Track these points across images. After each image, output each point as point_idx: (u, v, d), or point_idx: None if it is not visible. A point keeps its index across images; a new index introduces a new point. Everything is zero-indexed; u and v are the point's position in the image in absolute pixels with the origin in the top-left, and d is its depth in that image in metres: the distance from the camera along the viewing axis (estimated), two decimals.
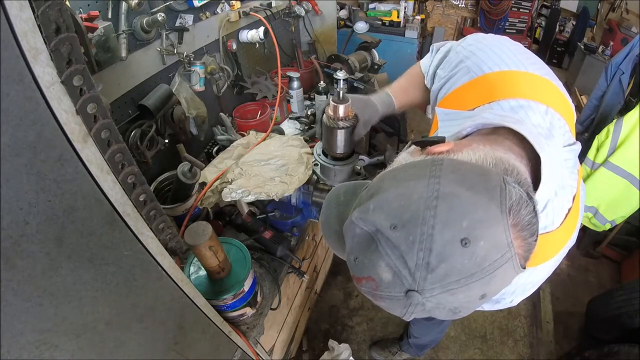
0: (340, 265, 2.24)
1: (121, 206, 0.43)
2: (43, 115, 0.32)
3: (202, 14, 1.28)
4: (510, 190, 0.40)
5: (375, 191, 0.44)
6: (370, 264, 0.41)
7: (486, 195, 0.39)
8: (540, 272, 0.61)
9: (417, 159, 0.47)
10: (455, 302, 0.39)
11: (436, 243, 0.37)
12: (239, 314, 0.87)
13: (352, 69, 1.78)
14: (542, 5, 4.45)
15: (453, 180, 0.40)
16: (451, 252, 0.37)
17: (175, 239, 0.59)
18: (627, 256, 2.22)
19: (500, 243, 0.38)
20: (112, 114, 1.00)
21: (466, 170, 0.42)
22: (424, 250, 0.37)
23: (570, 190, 0.57)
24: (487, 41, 0.67)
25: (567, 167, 0.56)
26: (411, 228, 0.38)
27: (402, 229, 0.38)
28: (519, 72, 0.61)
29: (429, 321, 1.49)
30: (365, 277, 0.42)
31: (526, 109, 0.56)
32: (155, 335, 0.58)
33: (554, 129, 0.55)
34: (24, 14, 0.29)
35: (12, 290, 0.33)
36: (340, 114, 0.87)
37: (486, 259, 0.37)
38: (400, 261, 0.38)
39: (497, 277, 0.38)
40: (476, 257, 0.37)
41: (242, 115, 1.52)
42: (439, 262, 0.37)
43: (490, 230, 0.37)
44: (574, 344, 1.88)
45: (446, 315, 0.41)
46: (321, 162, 1.02)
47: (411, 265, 0.38)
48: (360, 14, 3.09)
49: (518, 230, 0.40)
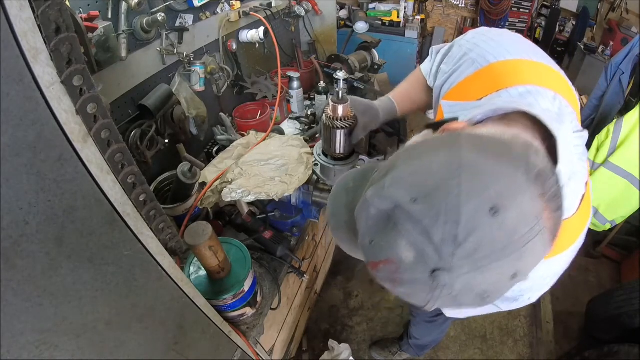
0: (340, 265, 2.24)
1: (121, 206, 0.43)
2: (43, 115, 0.32)
3: (202, 14, 1.28)
4: (535, 160, 0.38)
5: (390, 168, 0.41)
6: (389, 244, 0.37)
7: (511, 164, 0.36)
8: (559, 262, 0.59)
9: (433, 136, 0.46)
10: (485, 284, 0.36)
11: (463, 214, 0.33)
12: (239, 314, 0.87)
13: (352, 69, 1.78)
14: (542, 5, 4.45)
15: (475, 149, 0.37)
16: (480, 223, 0.33)
17: (175, 239, 0.59)
18: (627, 256, 2.22)
19: (529, 213, 0.35)
20: (112, 114, 1.00)
21: (487, 140, 0.40)
22: (450, 222, 0.34)
23: (581, 177, 0.56)
24: (490, 34, 0.68)
25: (576, 154, 0.55)
26: (434, 199, 0.35)
27: (424, 201, 0.35)
28: (524, 60, 0.60)
29: (430, 323, 1.49)
30: (382, 260, 0.38)
31: (535, 94, 0.55)
32: (155, 335, 0.58)
33: (563, 115, 0.54)
34: (24, 14, 0.29)
35: (12, 290, 0.33)
36: (339, 114, 0.87)
37: (516, 230, 0.34)
38: (424, 237, 0.35)
39: (528, 253, 0.35)
40: (506, 228, 0.34)
41: (242, 115, 1.52)
42: (468, 235, 0.33)
43: (518, 199, 0.35)
44: (574, 344, 1.88)
45: (473, 301, 0.37)
46: (321, 162, 1.02)
47: (436, 239, 0.34)
48: (360, 14, 3.09)
49: (545, 201, 0.36)
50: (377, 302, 2.08)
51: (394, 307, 2.04)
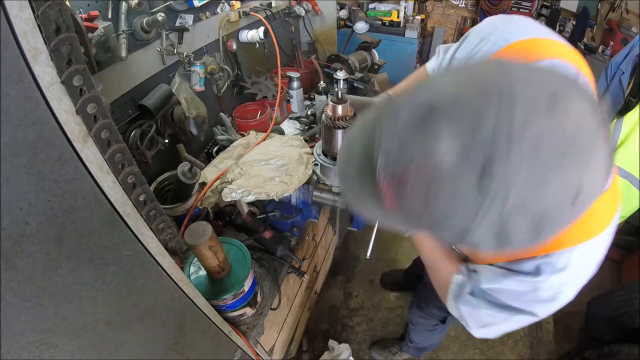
0: (340, 265, 2.24)
1: (121, 206, 0.43)
2: (43, 115, 0.32)
3: (202, 14, 1.28)
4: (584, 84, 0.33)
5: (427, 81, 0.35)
6: (423, 143, 0.29)
7: (561, 77, 0.32)
8: (594, 248, 0.54)
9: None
10: (544, 202, 0.29)
11: (519, 100, 0.27)
12: (239, 314, 0.87)
13: (352, 69, 1.78)
14: (542, 5, 4.44)
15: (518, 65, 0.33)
16: (537, 113, 0.27)
17: (175, 239, 0.59)
18: (627, 256, 2.22)
19: (590, 121, 0.30)
20: (112, 114, 1.00)
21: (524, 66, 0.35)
22: (504, 110, 0.27)
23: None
24: (506, 17, 0.69)
25: None
26: (485, 86, 0.29)
27: (472, 87, 0.29)
28: (547, 38, 0.61)
29: (431, 331, 1.49)
30: (413, 165, 0.30)
31: (561, 68, 0.54)
32: (155, 335, 0.58)
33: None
34: (24, 14, 0.29)
35: (12, 290, 0.33)
36: (339, 114, 0.87)
37: (579, 133, 0.28)
38: (472, 126, 0.28)
39: (592, 168, 0.30)
40: (567, 127, 0.28)
41: (242, 115, 1.52)
42: (525, 126, 0.27)
43: (576, 102, 0.29)
44: (574, 344, 1.88)
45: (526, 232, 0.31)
46: (321, 162, 1.02)
47: (487, 128, 0.27)
48: (360, 14, 3.09)
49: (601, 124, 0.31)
50: (377, 302, 2.08)
51: (394, 307, 2.04)
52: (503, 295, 0.58)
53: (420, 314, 1.45)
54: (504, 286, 0.57)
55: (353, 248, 2.36)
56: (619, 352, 1.44)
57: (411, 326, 1.60)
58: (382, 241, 2.28)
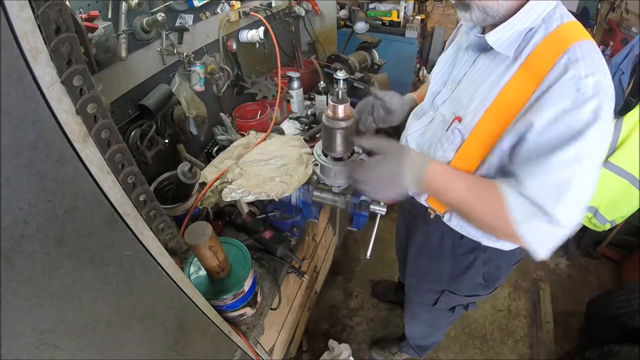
0: (340, 265, 2.24)
1: (121, 206, 0.43)
2: (43, 115, 0.32)
3: (202, 14, 1.28)
4: None
5: None
6: None
7: None
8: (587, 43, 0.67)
9: None
10: None
11: None
12: (239, 314, 0.87)
13: (352, 69, 1.78)
14: None
15: None
16: None
17: (175, 239, 0.59)
18: (627, 256, 2.22)
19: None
20: (112, 114, 1.00)
21: None
22: None
23: None
24: None
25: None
26: None
27: None
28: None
29: (428, 326, 1.47)
30: None
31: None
32: (155, 335, 0.58)
33: None
34: (24, 14, 0.29)
35: (12, 290, 0.33)
36: (339, 114, 0.87)
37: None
38: None
39: None
40: None
41: (242, 115, 1.52)
42: None
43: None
44: (574, 344, 1.88)
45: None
46: (321, 162, 1.01)
47: None
48: (360, 14, 3.09)
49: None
50: (377, 302, 2.08)
51: (394, 307, 2.04)
52: (559, 124, 0.63)
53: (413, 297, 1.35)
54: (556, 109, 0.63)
55: (353, 248, 2.37)
56: (619, 352, 1.44)
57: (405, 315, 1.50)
58: (382, 241, 2.27)
